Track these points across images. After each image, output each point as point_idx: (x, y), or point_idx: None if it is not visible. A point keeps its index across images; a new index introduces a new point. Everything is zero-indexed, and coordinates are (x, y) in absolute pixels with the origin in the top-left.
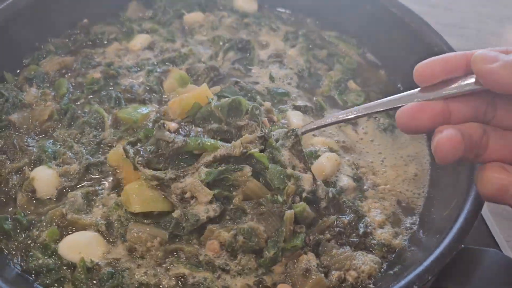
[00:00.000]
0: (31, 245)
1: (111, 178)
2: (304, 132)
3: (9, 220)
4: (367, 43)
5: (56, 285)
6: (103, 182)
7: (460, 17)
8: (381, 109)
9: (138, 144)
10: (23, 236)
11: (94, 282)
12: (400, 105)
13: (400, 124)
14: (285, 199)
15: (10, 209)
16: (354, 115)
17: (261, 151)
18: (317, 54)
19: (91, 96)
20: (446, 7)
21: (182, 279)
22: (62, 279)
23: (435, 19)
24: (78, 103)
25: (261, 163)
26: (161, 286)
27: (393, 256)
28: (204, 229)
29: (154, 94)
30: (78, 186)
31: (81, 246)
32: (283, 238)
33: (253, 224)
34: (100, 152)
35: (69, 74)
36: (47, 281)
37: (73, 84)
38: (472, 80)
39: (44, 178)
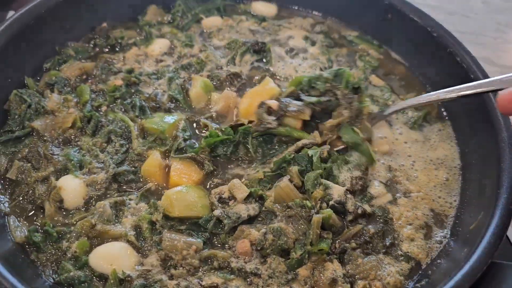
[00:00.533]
0: (62, 257)
1: (139, 188)
2: (392, 112)
3: (38, 232)
4: (388, 45)
5: None
6: (131, 191)
7: (477, 25)
8: (483, 90)
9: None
10: (53, 248)
11: None
12: (501, 87)
13: (501, 106)
14: (313, 204)
15: (38, 220)
16: (456, 94)
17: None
18: (338, 52)
19: (114, 104)
20: (463, 14)
21: None
22: None
23: (452, 27)
24: (101, 110)
25: (309, 165)
26: None
27: (420, 269)
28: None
29: (178, 103)
30: (105, 196)
31: (113, 257)
32: (310, 241)
33: (283, 225)
34: (127, 162)
35: (90, 80)
36: None
37: (95, 91)
38: None
39: (72, 187)
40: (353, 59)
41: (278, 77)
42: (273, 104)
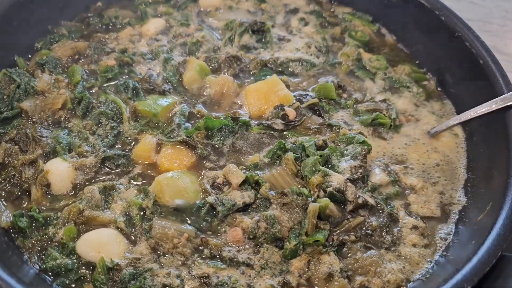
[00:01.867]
0: (48, 243)
1: (130, 172)
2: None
3: (24, 217)
4: (393, 31)
5: (75, 285)
6: (120, 176)
7: (484, 12)
8: None
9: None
10: (40, 234)
11: (115, 282)
12: None
13: None
14: (310, 192)
15: (24, 204)
16: None
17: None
18: (331, 32)
19: (106, 85)
20: (470, 1)
21: (205, 279)
22: (82, 278)
23: (459, 14)
24: (93, 91)
25: (305, 152)
26: None
27: (423, 264)
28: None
29: (172, 85)
30: (94, 180)
31: (101, 244)
32: (305, 231)
33: (277, 212)
34: (118, 145)
35: (82, 60)
36: (66, 282)
37: (87, 71)
38: None
39: (60, 171)
40: (345, 36)
41: (274, 59)
42: (291, 113)
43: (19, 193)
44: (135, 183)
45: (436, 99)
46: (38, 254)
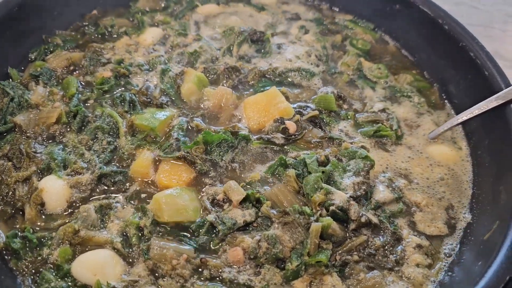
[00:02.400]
0: (42, 265)
1: (127, 189)
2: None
3: (18, 238)
4: (395, 39)
5: None
6: (117, 193)
7: (485, 17)
8: None
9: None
10: (34, 255)
11: None
12: None
13: None
14: (313, 210)
15: (17, 224)
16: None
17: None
18: (332, 40)
19: (101, 97)
20: (471, 5)
21: None
22: None
23: (460, 19)
24: (88, 104)
25: (307, 169)
26: None
27: (427, 285)
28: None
29: (170, 97)
30: (90, 199)
31: (97, 266)
32: (307, 251)
33: (278, 232)
34: (114, 161)
35: (77, 71)
36: None
37: (82, 83)
38: None
39: (54, 189)
40: (346, 45)
41: (273, 69)
42: (292, 127)
43: (13, 212)
44: (132, 201)
45: (439, 110)
46: (32, 277)
